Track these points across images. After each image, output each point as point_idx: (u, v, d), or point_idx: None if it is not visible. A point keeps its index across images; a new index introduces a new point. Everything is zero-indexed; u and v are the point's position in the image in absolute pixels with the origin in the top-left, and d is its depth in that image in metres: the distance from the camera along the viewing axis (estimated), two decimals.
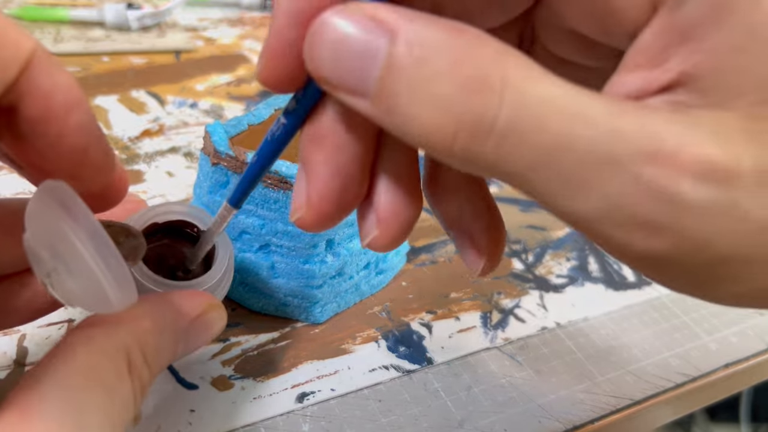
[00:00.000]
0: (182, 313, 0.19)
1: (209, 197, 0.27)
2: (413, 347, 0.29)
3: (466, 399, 0.27)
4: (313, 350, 0.28)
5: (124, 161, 0.38)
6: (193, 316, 0.19)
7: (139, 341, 0.17)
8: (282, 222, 0.27)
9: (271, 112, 0.30)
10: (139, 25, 0.54)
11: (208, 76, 0.49)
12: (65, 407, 0.15)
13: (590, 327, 0.32)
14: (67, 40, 0.50)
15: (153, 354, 0.18)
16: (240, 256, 0.28)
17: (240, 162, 0.26)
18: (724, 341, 0.32)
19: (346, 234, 0.28)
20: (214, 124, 0.28)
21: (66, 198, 0.16)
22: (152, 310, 0.18)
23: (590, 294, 0.34)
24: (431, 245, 0.35)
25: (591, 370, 0.29)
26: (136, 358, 0.17)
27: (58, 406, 0.15)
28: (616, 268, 0.36)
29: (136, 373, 0.17)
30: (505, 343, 0.30)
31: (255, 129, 0.29)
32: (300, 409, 0.25)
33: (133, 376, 0.17)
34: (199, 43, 0.54)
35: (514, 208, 0.40)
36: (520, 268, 0.35)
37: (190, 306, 0.20)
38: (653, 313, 0.33)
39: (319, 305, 0.29)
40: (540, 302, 0.33)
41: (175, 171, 0.38)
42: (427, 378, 0.28)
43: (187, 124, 0.43)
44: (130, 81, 0.47)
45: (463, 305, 0.32)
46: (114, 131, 0.41)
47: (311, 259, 0.27)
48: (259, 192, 0.26)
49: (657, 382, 0.29)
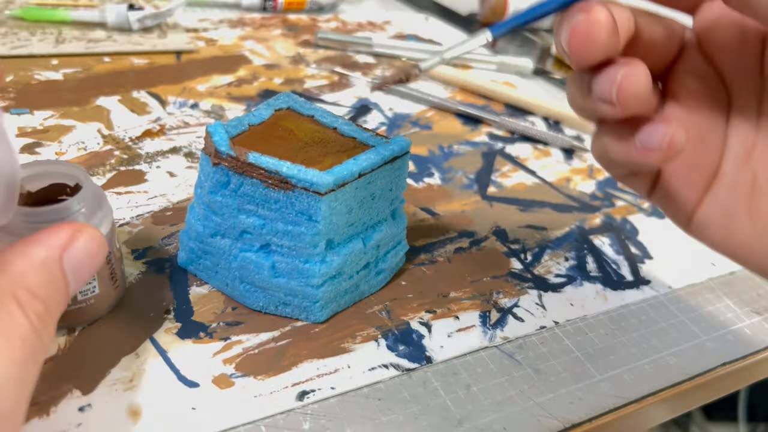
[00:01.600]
0: (51, 246, 0.20)
1: (210, 197, 0.28)
2: (413, 346, 0.29)
3: (465, 398, 0.27)
4: (313, 349, 0.28)
5: (125, 161, 0.38)
6: (62, 245, 0.21)
7: (18, 281, 0.19)
8: (282, 222, 0.27)
9: (272, 112, 0.31)
10: (140, 26, 0.54)
11: (208, 76, 0.49)
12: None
13: (588, 326, 0.32)
14: (69, 41, 0.51)
15: (42, 288, 0.19)
16: (241, 255, 0.28)
17: (240, 162, 0.26)
18: (722, 340, 0.32)
19: (346, 234, 0.29)
20: (215, 125, 0.28)
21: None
22: (20, 252, 0.20)
23: (588, 293, 0.34)
24: (431, 245, 0.36)
25: (589, 368, 0.29)
26: (22, 295, 0.18)
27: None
28: (615, 267, 0.36)
29: (28, 309, 0.18)
30: (504, 342, 0.30)
31: (255, 129, 0.29)
32: (300, 408, 0.26)
33: (27, 311, 0.18)
34: (200, 44, 0.55)
35: (513, 208, 0.40)
36: (519, 267, 0.35)
37: (56, 237, 0.21)
38: (651, 313, 0.33)
39: (320, 304, 0.29)
40: (539, 301, 0.33)
41: (176, 171, 0.38)
42: (427, 377, 0.28)
43: (188, 124, 0.43)
44: (131, 81, 0.47)
45: (463, 304, 0.32)
46: (115, 131, 0.41)
47: (311, 258, 0.28)
48: (260, 192, 0.26)
49: (655, 381, 0.29)
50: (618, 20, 0.24)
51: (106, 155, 0.39)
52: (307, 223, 0.27)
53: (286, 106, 0.31)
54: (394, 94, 0.52)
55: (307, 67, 0.54)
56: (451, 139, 0.47)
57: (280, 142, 0.29)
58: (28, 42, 0.49)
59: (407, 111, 0.50)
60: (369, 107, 0.49)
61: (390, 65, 0.57)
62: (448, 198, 0.40)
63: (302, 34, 0.60)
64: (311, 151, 0.28)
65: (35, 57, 0.48)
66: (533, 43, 0.70)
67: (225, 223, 0.28)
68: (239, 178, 0.27)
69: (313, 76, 0.53)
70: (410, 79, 0.25)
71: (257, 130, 0.29)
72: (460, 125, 0.49)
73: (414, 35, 0.65)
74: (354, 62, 0.57)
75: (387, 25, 0.67)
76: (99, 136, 0.40)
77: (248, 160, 0.26)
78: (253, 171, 0.26)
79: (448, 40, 0.65)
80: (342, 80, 0.53)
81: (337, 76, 0.53)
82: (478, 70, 0.60)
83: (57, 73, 0.46)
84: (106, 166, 0.38)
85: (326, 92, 0.50)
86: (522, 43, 0.69)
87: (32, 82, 0.45)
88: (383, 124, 0.47)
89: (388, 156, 0.28)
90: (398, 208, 0.31)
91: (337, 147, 0.29)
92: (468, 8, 0.76)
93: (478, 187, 0.42)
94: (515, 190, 0.42)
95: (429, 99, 0.51)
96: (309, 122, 0.31)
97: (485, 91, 0.54)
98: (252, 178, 0.26)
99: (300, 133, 0.30)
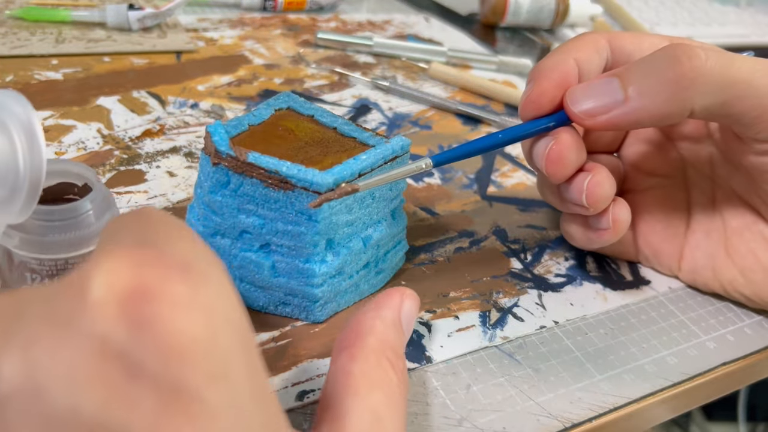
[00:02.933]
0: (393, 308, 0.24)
1: (210, 197, 0.28)
2: (412, 346, 0.29)
3: (465, 397, 0.27)
4: (313, 349, 0.28)
5: (125, 161, 0.38)
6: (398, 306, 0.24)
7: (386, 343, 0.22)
8: (282, 222, 0.27)
9: (272, 112, 0.31)
10: (140, 25, 0.54)
11: (208, 76, 0.49)
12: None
13: (588, 326, 0.32)
14: (69, 41, 0.51)
15: (399, 346, 0.23)
16: (241, 255, 0.28)
17: (240, 162, 0.26)
18: (722, 340, 0.32)
19: (346, 233, 0.29)
20: (215, 125, 0.28)
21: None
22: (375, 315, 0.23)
23: (588, 293, 0.34)
24: (430, 245, 0.36)
25: (589, 368, 0.29)
26: (390, 355, 0.22)
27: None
28: (614, 267, 0.36)
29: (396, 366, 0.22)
30: (504, 342, 0.30)
31: (256, 129, 0.29)
32: (300, 407, 0.26)
33: (395, 369, 0.21)
34: (200, 44, 0.55)
35: (513, 208, 0.40)
36: (519, 267, 0.35)
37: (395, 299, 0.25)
38: (651, 312, 0.33)
39: (319, 304, 0.29)
40: (538, 301, 0.33)
41: (176, 171, 0.38)
42: (427, 376, 0.28)
43: (187, 124, 0.43)
44: (131, 81, 0.47)
45: (462, 304, 0.32)
46: (115, 131, 0.41)
47: (311, 258, 0.28)
48: (260, 192, 0.26)
49: (655, 381, 0.29)
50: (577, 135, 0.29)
51: (106, 155, 0.39)
52: (306, 222, 0.27)
53: (286, 106, 0.31)
54: (394, 94, 0.52)
55: (307, 67, 0.54)
56: (451, 139, 0.47)
57: (280, 142, 0.29)
58: (27, 42, 0.49)
59: (407, 111, 0.50)
60: (369, 107, 0.49)
61: (390, 65, 0.57)
62: (448, 198, 0.40)
63: (302, 34, 0.60)
64: (311, 150, 0.28)
65: (35, 57, 0.48)
66: (533, 43, 0.70)
67: (225, 222, 0.28)
68: (239, 178, 0.27)
69: (313, 76, 0.53)
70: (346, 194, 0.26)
71: (257, 130, 0.29)
72: (460, 125, 0.49)
73: (414, 35, 0.65)
74: (354, 62, 0.57)
75: (387, 25, 0.67)
76: (99, 135, 0.40)
77: (248, 160, 0.26)
78: (253, 171, 0.26)
79: (448, 40, 0.65)
80: (342, 80, 0.53)
81: (337, 76, 0.53)
82: (478, 70, 0.60)
83: (57, 73, 0.46)
84: (106, 166, 0.38)
85: (326, 92, 0.50)
86: (522, 43, 0.69)
87: (32, 82, 0.45)
88: (383, 124, 0.47)
89: (388, 155, 0.28)
90: (398, 207, 0.31)
91: (337, 147, 0.29)
92: (468, 8, 0.76)
93: (477, 187, 0.42)
94: (515, 190, 0.42)
95: (429, 99, 0.51)
96: (309, 122, 0.31)
97: (485, 91, 0.54)
98: (252, 178, 0.26)
99: (300, 133, 0.30)
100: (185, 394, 0.14)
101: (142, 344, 0.14)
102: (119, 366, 0.13)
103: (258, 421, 0.15)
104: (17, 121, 0.20)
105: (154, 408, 0.13)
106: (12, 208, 0.20)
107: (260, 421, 0.15)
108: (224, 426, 0.14)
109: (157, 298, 0.14)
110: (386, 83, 0.52)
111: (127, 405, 0.13)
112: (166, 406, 0.13)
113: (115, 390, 0.13)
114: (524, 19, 0.70)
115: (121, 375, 0.13)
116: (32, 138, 0.20)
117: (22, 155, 0.20)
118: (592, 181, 0.29)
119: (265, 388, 0.16)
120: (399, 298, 0.25)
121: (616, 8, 0.79)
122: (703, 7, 0.86)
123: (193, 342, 0.14)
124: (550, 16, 0.71)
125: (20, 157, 0.20)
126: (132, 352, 0.13)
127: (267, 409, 0.16)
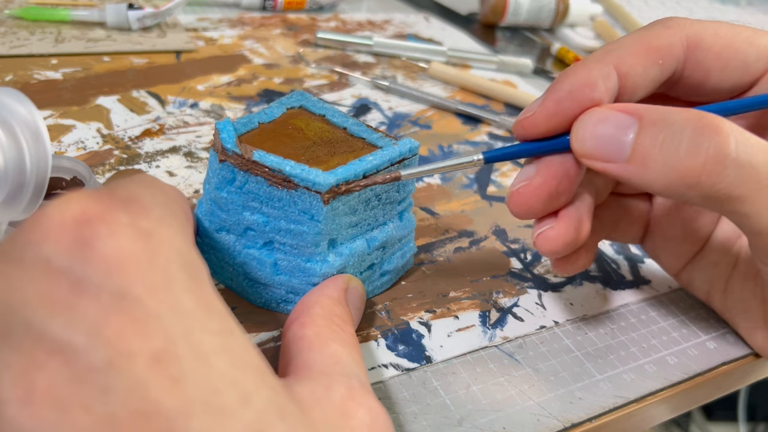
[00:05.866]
0: (338, 287, 0.27)
1: (216, 193, 0.28)
2: (412, 346, 0.29)
3: (465, 397, 0.27)
4: None
5: (125, 161, 0.38)
6: (343, 288, 0.27)
7: (332, 313, 0.25)
8: (285, 220, 0.27)
9: (283, 110, 0.31)
10: (140, 25, 0.54)
11: (208, 76, 0.49)
12: None
13: (588, 326, 0.32)
14: (68, 41, 0.51)
15: (346, 320, 0.25)
16: (244, 251, 0.28)
17: (245, 160, 0.26)
18: (722, 340, 0.32)
19: (348, 234, 0.28)
20: (224, 122, 0.28)
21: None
22: (320, 293, 0.26)
23: (588, 293, 0.34)
24: (430, 245, 0.36)
25: (589, 368, 0.29)
26: (338, 322, 0.24)
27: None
28: (614, 267, 0.36)
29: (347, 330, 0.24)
30: (504, 342, 0.30)
31: (265, 127, 0.29)
32: None
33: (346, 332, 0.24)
34: (199, 44, 0.55)
35: None
36: (519, 267, 0.35)
37: (339, 282, 0.27)
38: (651, 312, 0.33)
39: None
40: (538, 301, 0.33)
41: (176, 170, 0.38)
42: (426, 376, 0.28)
43: (187, 124, 0.43)
44: (130, 81, 0.47)
45: (462, 304, 0.32)
46: (115, 131, 0.41)
47: (313, 257, 0.28)
48: (264, 190, 0.26)
49: (655, 381, 0.29)
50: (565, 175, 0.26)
51: (106, 155, 0.38)
52: (309, 222, 0.27)
53: (299, 105, 0.31)
54: (394, 93, 0.52)
55: (307, 66, 0.54)
56: (451, 139, 0.47)
57: (289, 141, 0.29)
58: (27, 41, 0.49)
59: (407, 110, 0.50)
60: (369, 107, 0.49)
61: (390, 65, 0.57)
62: (448, 198, 0.40)
63: (302, 33, 0.60)
64: (318, 150, 0.28)
65: (34, 56, 0.48)
66: (533, 42, 0.70)
67: (230, 219, 0.28)
68: (244, 176, 0.27)
69: (312, 75, 0.53)
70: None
71: (267, 128, 0.29)
72: (460, 125, 0.49)
73: (414, 35, 0.65)
74: (354, 62, 0.57)
75: (387, 24, 0.67)
76: (98, 135, 0.40)
77: (253, 158, 0.26)
78: (258, 169, 0.26)
79: (448, 39, 0.65)
80: (342, 80, 0.53)
81: (336, 76, 0.53)
82: (477, 69, 0.60)
83: (56, 73, 0.46)
84: (106, 165, 0.38)
85: (326, 92, 0.50)
86: (522, 43, 0.69)
87: (31, 82, 0.45)
88: (383, 124, 0.47)
89: (395, 157, 0.28)
90: (406, 210, 0.31)
91: (345, 147, 0.29)
92: (468, 8, 0.76)
93: (477, 187, 0.42)
94: None
95: (429, 98, 0.51)
96: (319, 121, 0.31)
97: (485, 90, 0.54)
98: (256, 176, 0.26)
99: (309, 132, 0.30)
100: (126, 300, 0.15)
101: (84, 260, 0.15)
102: (63, 281, 0.15)
103: (209, 327, 0.16)
104: (22, 121, 0.20)
105: (97, 315, 0.15)
106: (18, 205, 0.21)
107: (211, 329, 0.16)
108: (166, 329, 0.15)
109: (99, 222, 0.16)
110: (386, 83, 0.52)
111: (71, 314, 0.15)
112: (108, 312, 0.15)
113: (59, 302, 0.15)
114: (524, 18, 0.70)
115: (66, 289, 0.15)
116: (37, 137, 0.20)
117: (29, 154, 0.20)
118: (542, 235, 0.26)
119: (214, 304, 0.17)
120: (343, 281, 0.27)
121: (616, 8, 0.79)
122: (703, 6, 0.86)
123: (131, 257, 0.16)
124: (549, 15, 0.71)
125: (26, 156, 0.20)
126: (75, 269, 0.15)
127: (218, 321, 0.17)
